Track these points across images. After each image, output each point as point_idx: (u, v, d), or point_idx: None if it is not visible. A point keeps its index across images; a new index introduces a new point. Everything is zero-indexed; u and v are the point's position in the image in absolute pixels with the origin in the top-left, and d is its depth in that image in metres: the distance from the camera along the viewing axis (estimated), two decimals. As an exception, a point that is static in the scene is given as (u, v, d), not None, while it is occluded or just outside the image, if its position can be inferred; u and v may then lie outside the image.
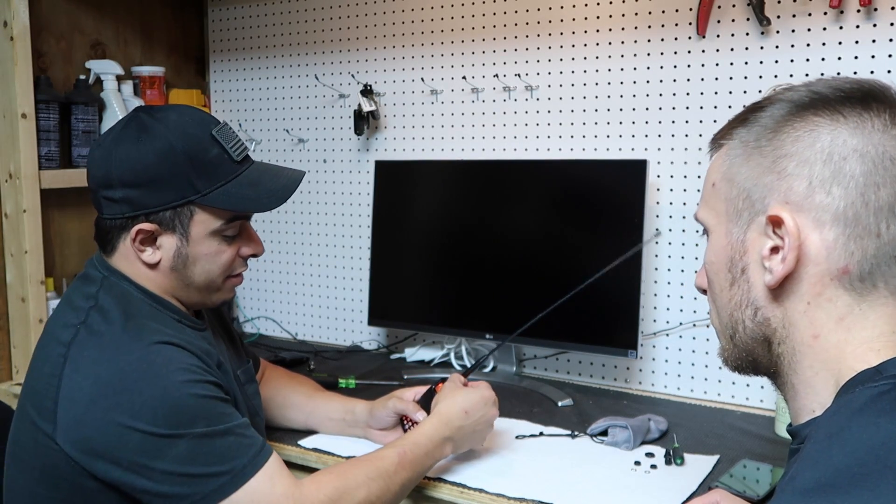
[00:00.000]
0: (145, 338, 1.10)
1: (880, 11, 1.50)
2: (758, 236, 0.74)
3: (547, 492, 1.24)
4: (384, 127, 2.09)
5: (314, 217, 2.23)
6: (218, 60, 2.35)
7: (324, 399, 1.50)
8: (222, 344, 1.34)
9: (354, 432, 1.45)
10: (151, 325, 1.13)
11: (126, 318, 1.12)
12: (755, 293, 0.75)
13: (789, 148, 0.72)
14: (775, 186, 0.72)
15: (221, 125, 1.19)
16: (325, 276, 2.23)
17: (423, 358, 2.00)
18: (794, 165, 0.71)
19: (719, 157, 0.79)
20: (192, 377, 1.09)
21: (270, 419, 1.49)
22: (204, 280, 1.20)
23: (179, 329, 1.18)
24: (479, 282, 1.44)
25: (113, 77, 2.03)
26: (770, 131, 0.74)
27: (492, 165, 1.88)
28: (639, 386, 1.80)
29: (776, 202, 0.72)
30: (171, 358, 1.09)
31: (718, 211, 0.78)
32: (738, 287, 0.77)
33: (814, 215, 0.70)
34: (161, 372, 1.07)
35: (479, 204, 1.81)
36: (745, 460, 1.34)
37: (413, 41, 2.02)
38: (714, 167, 0.80)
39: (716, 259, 0.79)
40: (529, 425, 1.52)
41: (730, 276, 0.77)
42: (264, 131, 2.29)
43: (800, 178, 0.71)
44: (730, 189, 0.77)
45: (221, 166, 1.17)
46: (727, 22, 1.64)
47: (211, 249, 1.18)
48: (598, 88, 1.79)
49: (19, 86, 1.78)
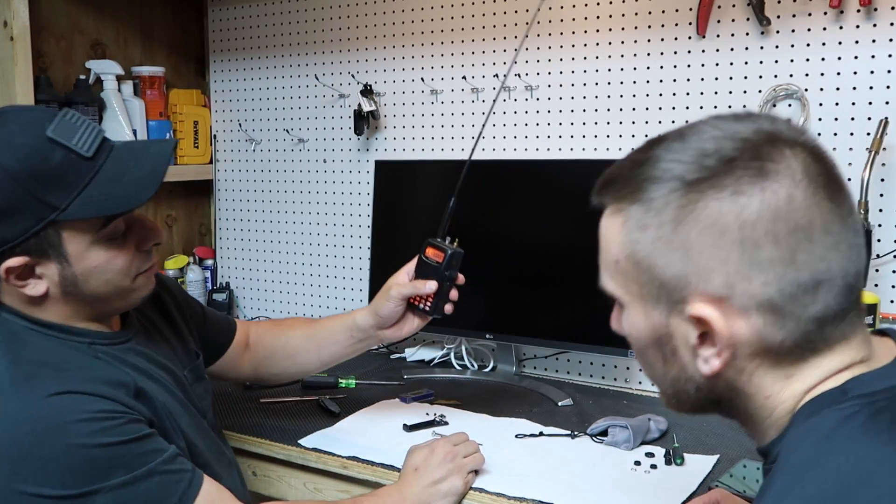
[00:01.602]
0: (37, 391, 0.97)
1: (880, 11, 1.50)
2: (682, 323, 0.69)
3: (547, 492, 1.24)
4: (384, 127, 2.09)
5: (314, 217, 2.23)
6: (218, 60, 2.35)
7: (324, 330, 1.45)
8: (162, 345, 1.23)
9: (370, 344, 1.41)
10: (44, 371, 1.00)
11: (14, 366, 1.00)
12: (691, 371, 0.71)
13: (695, 238, 0.66)
14: (691, 280, 0.67)
15: (59, 118, 1.01)
16: (325, 276, 2.23)
17: (423, 358, 2.00)
18: (705, 258, 0.66)
19: (614, 229, 0.71)
20: (98, 426, 0.98)
21: (284, 373, 1.48)
22: (108, 290, 1.07)
23: (86, 359, 1.06)
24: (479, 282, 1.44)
25: (113, 77, 2.03)
26: (670, 221, 0.67)
27: (492, 165, 1.87)
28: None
29: (695, 297, 0.67)
30: (70, 409, 0.97)
31: (629, 290, 0.72)
32: (672, 365, 0.72)
33: (738, 304, 0.66)
34: (60, 429, 0.95)
35: (479, 204, 1.81)
36: (745, 460, 1.34)
37: (413, 41, 2.02)
38: (612, 240, 0.72)
39: (638, 336, 0.73)
40: (529, 425, 1.52)
41: (660, 354, 0.72)
42: (264, 131, 2.29)
43: (715, 271, 0.65)
44: (638, 273, 0.70)
45: (71, 170, 1.00)
46: (727, 22, 1.64)
47: (100, 260, 1.04)
48: (598, 88, 1.79)
49: (19, 86, 1.78)
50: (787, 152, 0.66)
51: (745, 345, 0.67)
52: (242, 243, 2.37)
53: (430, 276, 1.34)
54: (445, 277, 1.34)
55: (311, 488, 1.43)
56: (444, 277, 1.34)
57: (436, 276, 1.33)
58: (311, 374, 1.52)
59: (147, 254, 1.11)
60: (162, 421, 1.10)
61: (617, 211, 0.72)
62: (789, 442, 0.67)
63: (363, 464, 1.36)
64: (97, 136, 1.03)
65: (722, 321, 0.66)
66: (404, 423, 1.51)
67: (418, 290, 1.34)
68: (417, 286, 1.34)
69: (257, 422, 1.54)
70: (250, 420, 1.55)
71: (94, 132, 1.03)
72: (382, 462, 1.35)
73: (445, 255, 1.33)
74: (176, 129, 2.23)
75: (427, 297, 1.35)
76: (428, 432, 1.48)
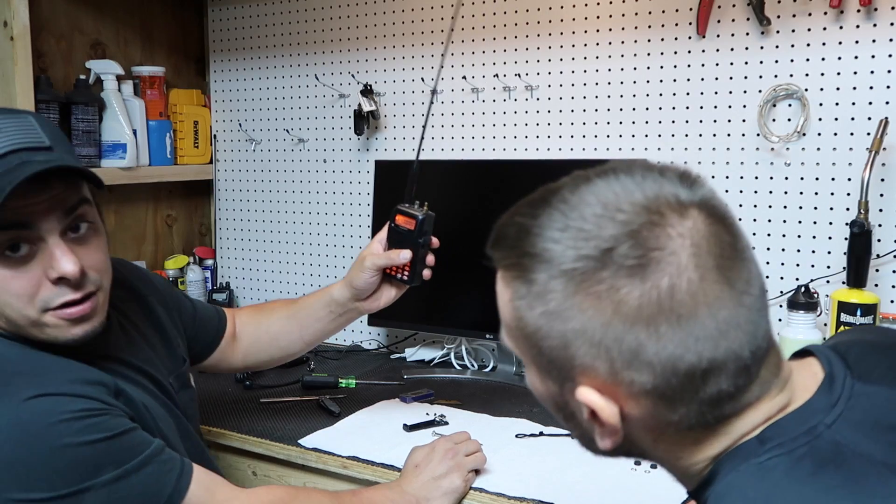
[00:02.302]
0: (13, 396, 0.94)
1: (880, 11, 1.50)
2: (573, 400, 0.67)
3: (547, 492, 1.24)
4: (384, 127, 2.09)
5: (314, 217, 2.23)
6: (218, 60, 2.35)
7: (303, 309, 1.43)
8: (146, 350, 1.19)
9: (351, 317, 1.40)
10: (18, 379, 0.96)
11: None
12: (594, 434, 0.69)
13: (577, 328, 0.63)
14: (576, 365, 0.65)
15: None
16: (325, 276, 2.23)
17: (423, 358, 2.00)
18: (588, 349, 0.63)
19: (504, 297, 0.69)
20: (81, 424, 0.95)
21: (270, 359, 1.47)
22: (13, 316, 0.99)
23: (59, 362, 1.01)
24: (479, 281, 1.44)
25: (113, 77, 2.03)
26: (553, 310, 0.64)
27: (492, 165, 1.88)
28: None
29: (582, 381, 0.65)
30: (49, 411, 0.94)
31: (524, 354, 0.70)
32: (576, 426, 0.71)
33: (625, 391, 0.64)
34: (42, 432, 0.92)
35: (479, 204, 1.81)
36: (744, 460, 1.34)
37: (413, 41, 2.02)
38: (503, 305, 0.70)
39: (538, 395, 0.72)
40: (529, 424, 1.52)
41: (561, 414, 0.72)
42: (264, 131, 2.29)
43: (599, 359, 0.63)
44: (528, 345, 0.68)
45: None
46: (727, 22, 1.64)
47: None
48: (598, 88, 1.79)
49: (19, 86, 1.78)
50: (673, 232, 0.61)
51: (638, 423, 0.66)
52: (242, 243, 2.37)
53: (403, 244, 1.31)
54: (419, 245, 1.30)
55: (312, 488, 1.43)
56: (417, 245, 1.30)
57: (409, 244, 1.30)
58: (296, 355, 1.50)
59: (61, 288, 0.99)
60: (143, 419, 1.07)
61: (504, 278, 0.69)
62: (715, 496, 0.65)
63: (363, 464, 1.36)
64: (2, 146, 0.94)
65: (608, 409, 0.65)
66: (404, 423, 1.51)
67: (393, 260, 1.32)
68: (391, 256, 1.32)
69: (257, 422, 1.54)
70: (250, 420, 1.55)
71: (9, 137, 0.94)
72: (382, 462, 1.35)
73: (416, 221, 1.30)
74: (176, 129, 2.23)
75: (403, 267, 1.32)
76: (428, 432, 1.48)
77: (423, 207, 1.33)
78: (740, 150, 1.65)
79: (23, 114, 1.00)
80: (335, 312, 1.40)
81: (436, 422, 1.52)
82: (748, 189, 1.65)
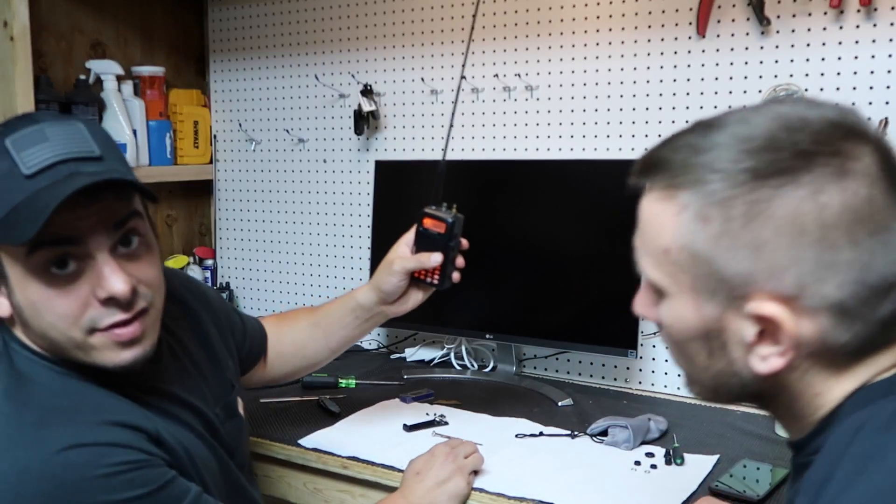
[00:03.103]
0: (47, 443, 0.86)
1: (880, 11, 1.50)
2: (738, 319, 0.66)
3: (547, 492, 1.24)
4: (384, 127, 2.09)
5: (314, 217, 2.23)
6: (218, 60, 2.35)
7: (328, 316, 1.39)
8: (195, 379, 1.12)
9: (376, 322, 1.36)
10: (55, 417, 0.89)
11: (23, 410, 0.90)
12: (739, 367, 0.68)
13: (769, 236, 0.63)
14: (758, 278, 0.64)
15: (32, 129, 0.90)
16: (325, 276, 2.23)
17: (423, 358, 2.00)
18: (778, 257, 0.63)
19: (666, 217, 0.68)
20: (119, 480, 0.88)
21: (294, 371, 1.43)
22: (57, 337, 0.92)
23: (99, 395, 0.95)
24: (478, 281, 1.44)
25: (113, 77, 2.03)
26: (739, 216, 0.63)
27: (492, 165, 1.88)
28: (639, 386, 1.79)
29: (762, 295, 0.64)
30: (86, 464, 0.87)
31: (679, 280, 0.68)
32: (718, 359, 0.69)
33: (807, 304, 0.63)
34: (77, 486, 0.86)
35: (478, 204, 1.81)
36: (745, 460, 1.34)
37: (413, 41, 2.02)
38: (662, 228, 0.68)
39: (682, 327, 0.70)
40: (529, 425, 1.52)
41: (707, 347, 0.69)
42: (264, 131, 2.29)
43: (788, 270, 0.63)
44: (694, 265, 0.66)
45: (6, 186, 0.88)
46: (727, 22, 1.64)
47: (38, 296, 0.90)
48: (598, 88, 1.79)
49: (19, 86, 1.77)
50: (864, 148, 0.63)
51: (805, 345, 0.65)
52: (242, 243, 2.37)
53: (432, 247, 1.28)
54: (449, 248, 1.28)
55: (311, 488, 1.43)
56: (448, 248, 1.28)
57: (440, 248, 1.28)
58: (321, 364, 1.44)
59: (108, 308, 0.92)
60: (182, 465, 1.00)
61: (668, 197, 0.68)
62: (840, 433, 0.66)
63: (363, 464, 1.36)
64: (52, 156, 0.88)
65: (791, 321, 0.64)
66: (404, 423, 1.51)
67: (423, 263, 1.29)
68: (422, 260, 1.29)
69: (257, 422, 1.54)
70: (250, 420, 1.55)
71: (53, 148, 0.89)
72: (382, 462, 1.35)
73: (447, 224, 1.27)
74: (176, 129, 2.23)
75: (433, 270, 1.30)
76: (428, 432, 1.48)
77: (452, 210, 1.30)
78: (740, 150, 1.65)
79: (72, 120, 0.94)
80: (361, 318, 1.36)
81: (436, 422, 1.52)
82: (748, 189, 1.65)
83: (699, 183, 0.65)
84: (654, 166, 0.70)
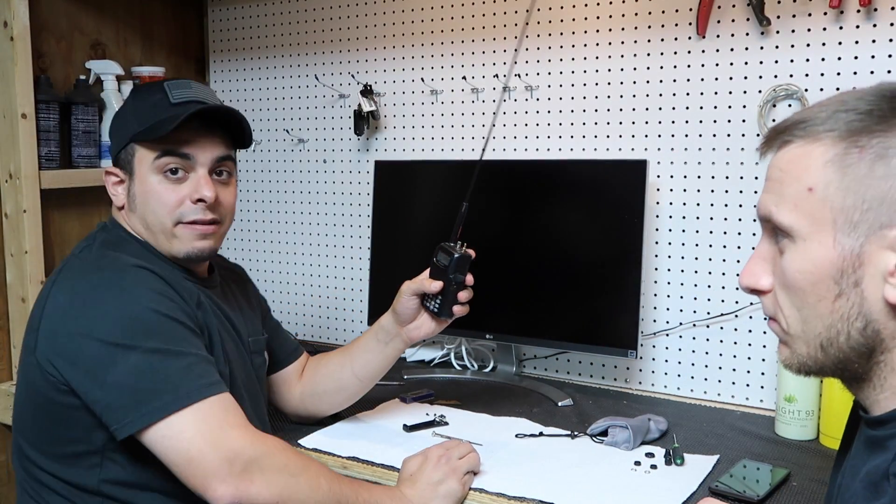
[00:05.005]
0: (123, 260, 1.18)
1: (880, 11, 1.50)
2: (879, 250, 0.70)
3: (547, 492, 1.24)
4: (384, 127, 2.09)
5: (314, 217, 2.23)
6: (218, 60, 2.35)
7: (354, 343, 1.51)
8: (236, 310, 1.37)
9: (398, 346, 1.46)
10: (130, 260, 1.19)
11: (111, 247, 1.22)
12: (869, 306, 0.71)
13: None
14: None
15: (184, 82, 1.27)
16: (325, 276, 2.23)
17: (423, 358, 2.00)
18: None
19: (814, 155, 0.73)
20: (158, 296, 1.14)
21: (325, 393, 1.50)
22: (153, 221, 1.24)
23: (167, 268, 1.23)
24: (478, 281, 1.44)
25: (113, 77, 2.03)
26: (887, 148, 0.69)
27: (492, 165, 1.87)
28: (639, 386, 1.80)
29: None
30: (142, 279, 1.15)
31: (819, 218, 0.72)
32: (847, 299, 0.72)
33: None
34: (128, 288, 1.13)
35: (478, 204, 1.80)
36: (745, 460, 1.34)
37: (413, 41, 2.02)
38: (807, 168, 0.73)
39: (814, 269, 0.73)
40: (529, 425, 1.52)
41: (836, 287, 0.72)
42: (264, 131, 2.29)
43: None
44: (842, 198, 0.71)
45: (158, 108, 1.22)
46: (727, 22, 1.64)
47: (152, 187, 1.23)
48: (598, 88, 1.79)
49: (19, 86, 1.78)
50: None
51: None
52: (242, 243, 2.38)
53: (438, 278, 1.40)
54: (451, 280, 1.39)
55: (312, 488, 1.43)
56: (449, 280, 1.39)
57: (442, 277, 1.39)
58: (351, 393, 1.51)
59: (196, 208, 1.23)
60: (212, 340, 1.23)
61: (813, 141, 0.73)
62: None
63: (363, 464, 1.36)
64: (195, 96, 1.23)
65: None
66: (404, 423, 1.51)
67: (424, 286, 1.40)
68: (424, 283, 1.40)
69: (257, 422, 1.54)
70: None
71: (195, 93, 1.24)
72: (382, 462, 1.35)
73: (451, 258, 1.39)
74: (176, 129, 2.23)
75: (435, 297, 1.40)
76: (428, 432, 1.48)
77: (462, 247, 1.41)
78: (740, 150, 1.65)
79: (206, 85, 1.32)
80: (382, 341, 1.45)
81: (436, 422, 1.52)
82: (748, 189, 1.65)
83: (845, 122, 0.71)
84: (795, 124, 0.75)
